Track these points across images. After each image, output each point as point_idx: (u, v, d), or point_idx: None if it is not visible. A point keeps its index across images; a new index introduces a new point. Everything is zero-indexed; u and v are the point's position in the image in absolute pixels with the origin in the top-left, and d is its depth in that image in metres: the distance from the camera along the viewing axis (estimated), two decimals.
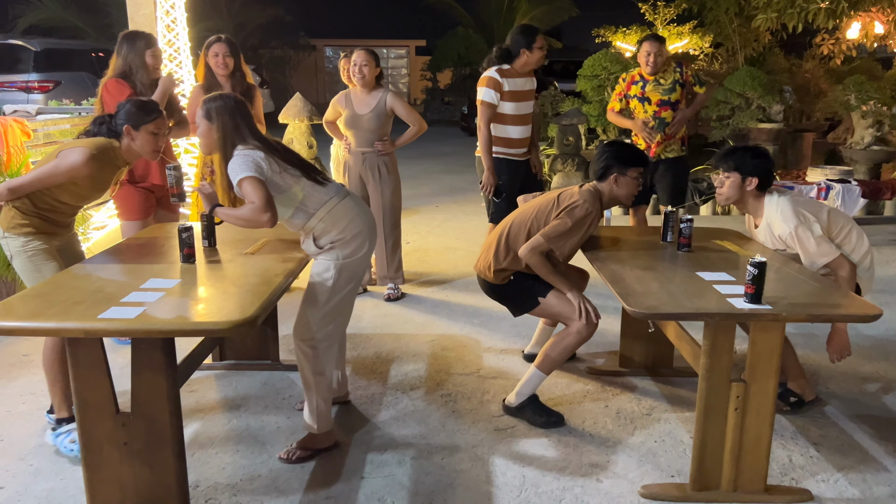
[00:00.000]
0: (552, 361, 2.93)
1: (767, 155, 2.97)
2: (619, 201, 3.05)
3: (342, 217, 2.59)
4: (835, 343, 2.95)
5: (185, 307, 2.21)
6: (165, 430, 2.20)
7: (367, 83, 4.18)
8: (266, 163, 2.48)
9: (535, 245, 2.86)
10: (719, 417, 2.38)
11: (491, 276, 3.03)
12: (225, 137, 2.52)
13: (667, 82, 4.55)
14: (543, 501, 2.44)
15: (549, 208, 2.96)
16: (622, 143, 3.11)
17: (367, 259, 2.71)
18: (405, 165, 10.85)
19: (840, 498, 2.47)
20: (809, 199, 3.03)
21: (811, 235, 2.84)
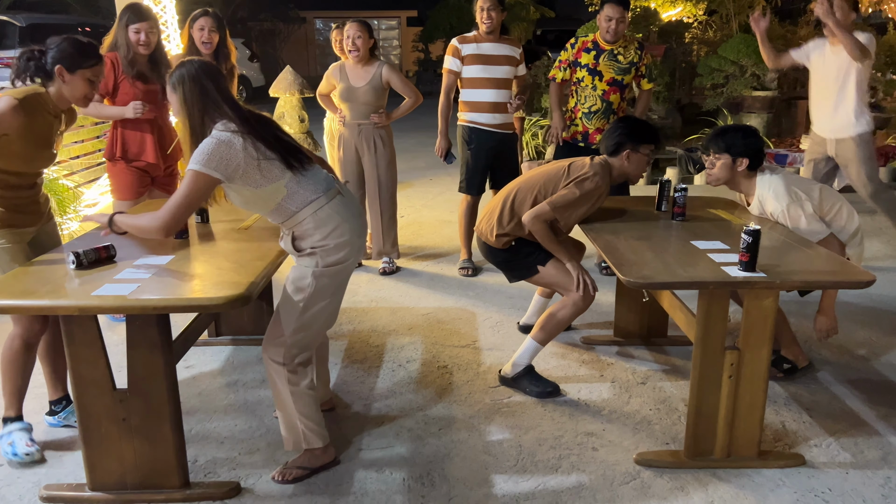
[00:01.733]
0: (548, 332, 2.95)
1: (757, 134, 2.98)
2: (629, 177, 3.04)
3: (328, 222, 2.23)
4: (821, 321, 2.96)
5: (179, 283, 2.20)
6: (163, 405, 2.20)
7: (362, 56, 4.14)
8: (245, 151, 2.12)
9: (540, 212, 2.84)
10: (713, 385, 2.40)
11: (492, 240, 3.01)
12: (193, 107, 2.17)
13: (625, 60, 4.08)
14: (539, 470, 2.46)
15: (559, 177, 2.93)
16: (636, 119, 3.10)
17: (351, 269, 2.36)
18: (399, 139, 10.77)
19: (832, 462, 2.51)
20: (800, 177, 3.05)
21: (802, 214, 2.85)
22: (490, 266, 4.64)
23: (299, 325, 2.29)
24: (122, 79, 3.47)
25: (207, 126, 2.17)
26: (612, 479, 2.41)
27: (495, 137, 4.30)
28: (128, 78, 3.48)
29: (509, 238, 2.99)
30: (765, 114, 8.24)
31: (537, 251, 2.96)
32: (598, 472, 2.44)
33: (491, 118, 4.27)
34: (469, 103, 4.31)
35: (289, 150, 2.24)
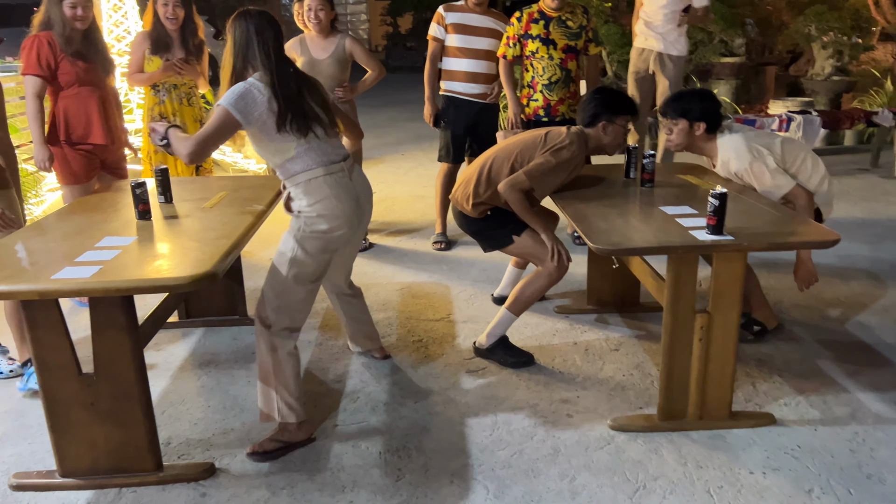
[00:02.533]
0: (522, 303, 2.95)
1: (713, 97, 2.98)
2: (605, 149, 3.01)
3: (315, 192, 2.34)
4: (801, 272, 3.00)
5: (143, 264, 2.15)
6: (132, 388, 2.17)
7: (323, 28, 4.06)
8: (267, 104, 2.25)
9: (515, 181, 2.81)
10: (684, 348, 2.42)
11: (468, 209, 2.98)
12: (238, 52, 2.32)
13: (574, 25, 3.97)
14: (515, 439, 2.47)
15: (536, 145, 2.90)
16: (612, 91, 3.06)
17: (335, 244, 2.41)
18: (369, 115, 10.69)
19: (801, 420, 2.55)
20: (761, 132, 3.07)
21: (766, 169, 2.86)
22: (464, 239, 4.64)
23: (282, 289, 2.38)
24: (61, 58, 3.33)
25: (247, 71, 2.33)
26: (586, 444, 2.43)
27: (473, 107, 4.27)
28: (67, 57, 3.33)
29: (485, 207, 2.96)
30: (733, 80, 8.29)
31: (512, 221, 2.93)
32: (573, 439, 2.46)
33: (469, 88, 4.24)
34: (449, 72, 4.29)
35: (309, 116, 2.34)
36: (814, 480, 2.23)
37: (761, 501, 2.14)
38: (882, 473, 2.25)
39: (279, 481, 2.27)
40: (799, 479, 2.24)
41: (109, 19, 5.44)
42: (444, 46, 4.25)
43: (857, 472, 2.26)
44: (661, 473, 2.27)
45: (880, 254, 4.20)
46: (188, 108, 4.04)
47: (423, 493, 2.20)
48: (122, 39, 5.36)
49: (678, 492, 2.19)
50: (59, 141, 3.42)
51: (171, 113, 3.98)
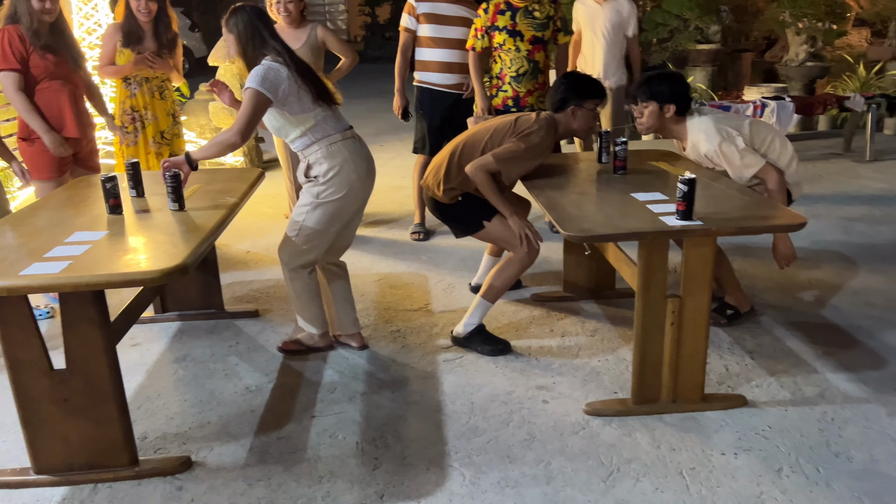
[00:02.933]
0: (497, 290, 2.96)
1: (682, 80, 3.00)
2: (575, 133, 3.04)
3: (336, 155, 2.71)
4: (779, 250, 3.01)
5: (113, 258, 2.14)
6: (105, 383, 2.16)
7: (294, 19, 4.03)
8: (286, 80, 2.58)
9: (483, 163, 2.82)
10: (657, 333, 2.45)
11: (439, 194, 2.98)
12: (247, 47, 2.64)
13: (541, 15, 3.88)
14: (491, 425, 2.50)
15: (505, 131, 2.91)
16: (580, 75, 3.08)
17: (349, 204, 2.80)
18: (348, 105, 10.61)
19: (772, 400, 2.60)
20: (729, 114, 3.09)
21: (735, 149, 2.89)
22: (442, 230, 4.64)
23: (296, 239, 2.82)
24: (31, 52, 3.28)
25: (259, 58, 2.63)
26: (562, 429, 2.46)
27: (448, 98, 4.25)
28: (37, 50, 3.29)
29: (456, 192, 2.97)
30: (709, 67, 8.34)
31: (483, 207, 2.93)
32: (548, 424, 2.49)
33: (442, 78, 4.22)
34: (422, 62, 4.27)
35: (320, 88, 2.71)
36: (783, 459, 2.27)
37: (732, 481, 2.18)
38: (849, 451, 2.30)
39: (256, 473, 2.28)
40: (769, 458, 2.28)
41: (80, 11, 5.36)
42: (416, 37, 4.24)
43: (825, 450, 2.31)
44: (635, 457, 2.31)
45: (852, 237, 4.27)
46: (160, 101, 4.00)
47: (400, 482, 2.22)
48: (92, 32, 5.28)
49: (651, 474, 2.22)
50: (32, 136, 3.38)
51: (142, 106, 3.95)
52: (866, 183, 5.46)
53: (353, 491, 2.18)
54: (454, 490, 2.18)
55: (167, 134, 4.06)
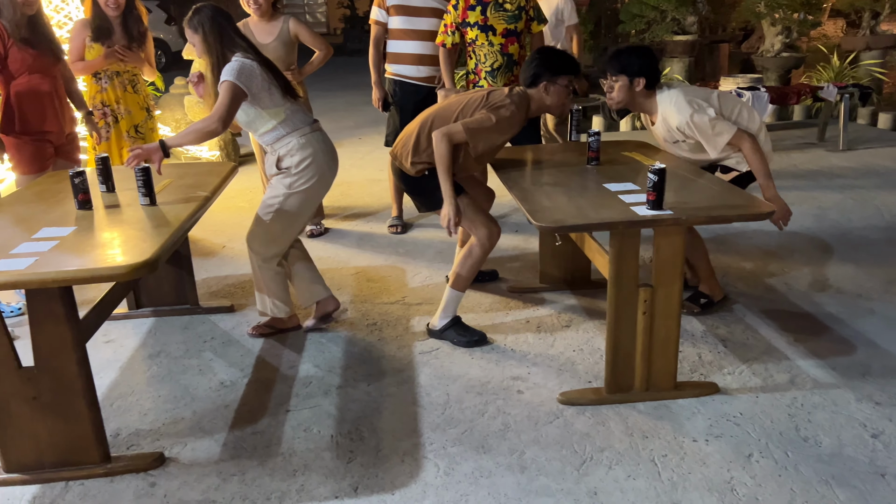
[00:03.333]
0: (464, 278, 2.97)
1: (651, 53, 2.98)
2: (549, 110, 2.98)
3: (307, 147, 2.85)
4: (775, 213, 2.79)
5: (81, 254, 2.11)
6: (75, 380, 2.14)
7: (265, 12, 3.99)
8: (259, 75, 2.71)
9: (451, 131, 2.77)
10: (629, 322, 2.47)
11: (407, 166, 2.95)
12: (214, 44, 2.72)
13: (512, 7, 3.78)
14: (466, 416, 2.51)
15: (477, 103, 2.86)
16: (553, 50, 2.99)
17: (320, 192, 2.97)
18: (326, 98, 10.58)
19: (744, 387, 2.63)
20: (696, 87, 3.08)
21: (707, 119, 2.87)
22: (419, 223, 4.64)
23: (268, 227, 2.92)
24: (10, 45, 3.25)
25: (227, 56, 2.72)
26: (536, 419, 2.47)
27: (421, 90, 4.24)
28: (16, 44, 3.26)
29: (424, 166, 2.93)
30: (686, 58, 8.38)
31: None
32: (523, 414, 2.50)
33: (415, 70, 4.20)
34: (393, 55, 4.25)
35: (286, 85, 2.85)
36: (754, 445, 2.30)
37: (703, 468, 2.20)
38: (818, 436, 2.33)
39: (230, 468, 2.27)
40: (740, 444, 2.31)
41: (49, 5, 5.27)
42: (387, 29, 4.22)
43: (794, 435, 2.34)
44: (608, 445, 2.33)
45: (824, 225, 4.32)
46: (133, 94, 3.96)
47: (374, 474, 2.22)
48: (63, 26, 5.20)
49: (624, 462, 2.24)
50: (13, 130, 3.34)
51: (114, 101, 3.90)
52: (839, 172, 5.52)
53: (328, 484, 2.18)
54: (428, 481, 2.18)
55: (142, 128, 4.02)
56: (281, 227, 2.92)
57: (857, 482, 2.11)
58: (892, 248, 3.91)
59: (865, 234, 4.15)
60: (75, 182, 2.54)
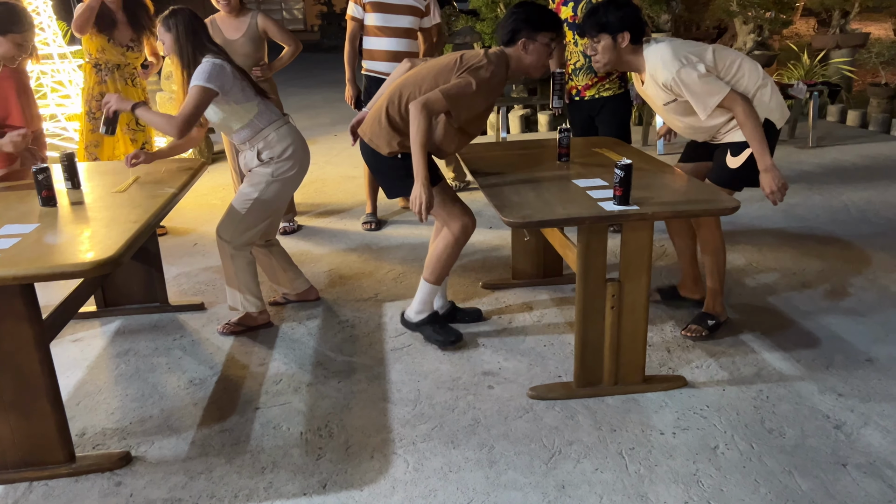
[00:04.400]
0: (438, 271, 2.89)
1: (629, 3, 2.72)
2: (528, 71, 2.74)
3: (285, 138, 2.93)
4: (766, 181, 2.73)
5: (43, 251, 2.08)
6: (37, 379, 2.11)
7: (233, 7, 3.96)
8: (231, 74, 2.78)
9: (431, 100, 2.54)
10: (597, 316, 2.49)
11: (380, 145, 2.75)
12: (186, 46, 2.78)
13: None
14: (437, 412, 2.51)
15: (451, 68, 2.64)
16: (533, 4, 2.72)
17: (298, 180, 3.05)
18: (302, 95, 10.52)
19: (711, 380, 2.66)
20: (690, 41, 2.78)
21: (696, 76, 2.62)
22: (394, 219, 4.63)
23: (246, 217, 2.95)
24: None
25: (198, 58, 2.78)
26: (506, 414, 2.48)
27: None
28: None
29: (397, 147, 2.73)
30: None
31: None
32: (493, 409, 2.51)
33: (391, 67, 4.18)
34: (369, 51, 4.24)
35: (254, 84, 2.93)
36: (720, 437, 2.33)
37: (670, 460, 2.23)
38: (782, 427, 2.37)
39: (197, 466, 2.25)
40: (706, 436, 2.34)
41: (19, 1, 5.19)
42: (363, 26, 4.21)
43: (759, 427, 2.38)
44: (577, 438, 2.34)
45: (791, 221, 4.39)
46: (132, 88, 3.95)
47: (343, 470, 2.22)
48: None
49: (592, 455, 2.26)
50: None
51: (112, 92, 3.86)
52: (807, 168, 5.60)
53: (296, 481, 2.18)
54: (397, 477, 2.18)
55: (141, 121, 4.00)
56: (256, 215, 2.96)
57: (819, 472, 2.15)
58: (859, 244, 3.98)
59: (832, 229, 4.22)
60: (39, 178, 2.50)
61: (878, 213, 4.47)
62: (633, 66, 2.80)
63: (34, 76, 5.72)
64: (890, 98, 6.99)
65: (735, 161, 2.84)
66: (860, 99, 7.97)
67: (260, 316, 3.14)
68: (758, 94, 2.74)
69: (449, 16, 8.84)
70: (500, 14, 8.19)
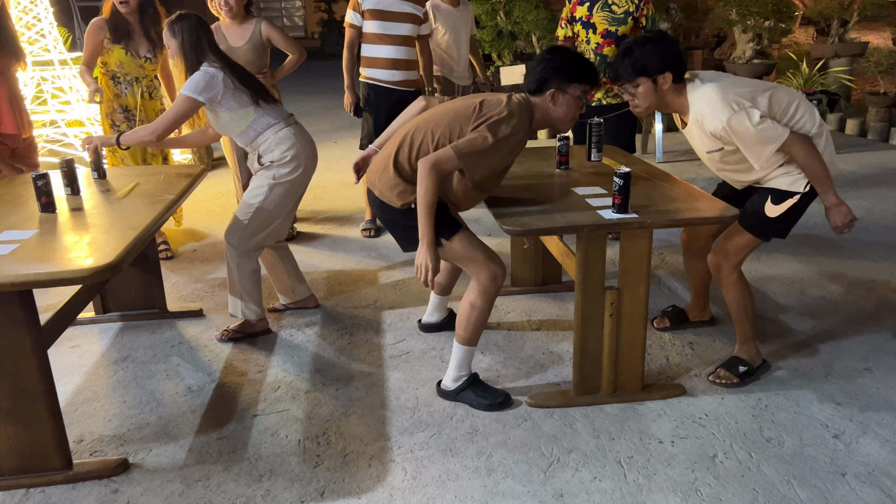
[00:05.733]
0: (470, 329, 2.52)
1: (667, 38, 2.44)
2: (554, 124, 2.46)
3: (285, 140, 2.92)
4: (833, 217, 2.52)
5: (42, 257, 2.08)
6: (35, 386, 2.11)
7: (236, 14, 3.97)
8: (224, 82, 2.80)
9: (441, 158, 2.27)
10: (596, 324, 2.49)
11: (391, 197, 2.45)
12: (189, 53, 2.82)
13: (619, 9, 3.68)
14: (435, 420, 2.50)
15: (469, 116, 2.36)
16: (566, 51, 2.46)
17: (303, 183, 3.03)
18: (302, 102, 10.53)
19: (709, 389, 2.66)
20: (739, 78, 2.50)
21: (749, 124, 2.33)
22: None
23: (250, 222, 2.96)
24: None
25: (198, 65, 2.82)
26: (504, 422, 2.48)
27: (395, 95, 4.23)
28: None
29: (411, 197, 2.42)
30: None
31: (442, 221, 2.40)
32: (491, 417, 2.51)
33: (390, 75, 4.20)
34: (368, 59, 4.24)
35: (256, 88, 2.93)
36: (718, 446, 2.33)
37: (668, 469, 2.22)
38: (781, 436, 2.37)
39: (194, 473, 2.25)
40: (704, 445, 2.33)
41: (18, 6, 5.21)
42: (361, 33, 4.22)
43: (758, 435, 2.37)
44: (575, 447, 2.34)
45: None
46: (150, 101, 3.94)
47: (341, 478, 2.21)
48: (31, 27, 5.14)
49: (590, 464, 2.25)
50: None
51: (133, 106, 3.87)
52: None
53: (293, 489, 2.17)
54: (395, 485, 2.18)
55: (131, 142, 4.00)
56: (262, 219, 2.96)
57: (817, 482, 2.15)
58: (857, 251, 3.98)
59: (830, 236, 4.22)
60: (38, 185, 2.50)
61: (877, 221, 4.48)
62: (676, 107, 2.51)
63: (35, 82, 5.74)
64: (889, 107, 7.01)
65: (774, 210, 2.56)
66: (859, 108, 7.99)
67: (259, 323, 3.14)
68: (820, 136, 2.47)
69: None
70: (500, 22, 8.23)
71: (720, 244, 2.68)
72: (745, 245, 2.63)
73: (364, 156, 2.74)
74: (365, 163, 2.73)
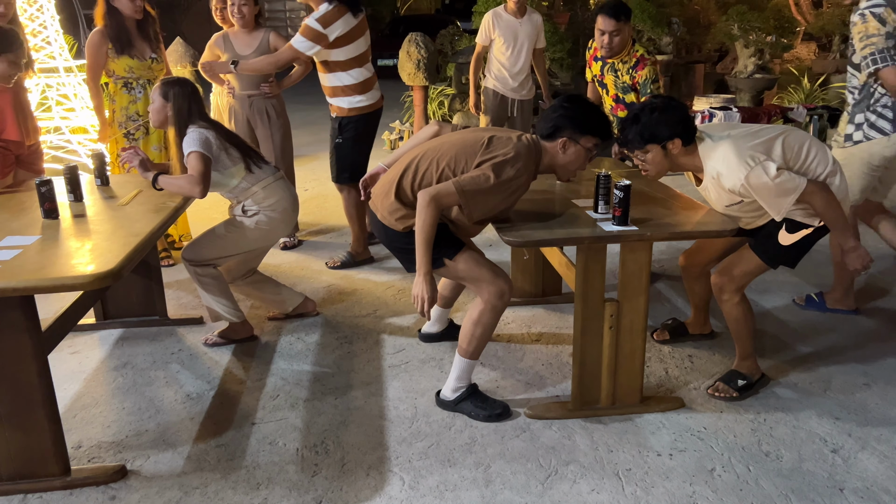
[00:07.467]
0: (474, 343, 2.53)
1: (673, 103, 2.42)
2: (557, 171, 2.47)
3: (273, 194, 3.02)
4: (850, 260, 2.51)
5: (44, 263, 2.09)
6: (34, 391, 2.11)
7: (247, 23, 4.00)
8: (215, 142, 2.88)
9: (441, 193, 2.28)
10: (595, 336, 2.49)
11: (392, 221, 2.47)
12: (180, 118, 2.88)
13: (622, 77, 3.50)
14: (433, 430, 2.50)
15: (476, 151, 2.35)
16: (584, 103, 2.46)
17: (277, 235, 3.13)
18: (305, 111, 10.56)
19: (708, 402, 2.66)
20: (749, 127, 2.49)
21: (767, 178, 2.30)
22: None
23: (208, 243, 3.02)
24: None
25: (188, 127, 2.89)
26: (503, 433, 2.48)
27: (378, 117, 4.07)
28: None
29: (411, 221, 2.41)
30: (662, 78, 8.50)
31: (444, 241, 2.42)
32: (490, 428, 2.51)
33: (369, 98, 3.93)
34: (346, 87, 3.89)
35: (244, 148, 3.03)
36: (716, 460, 2.32)
37: (666, 482, 2.22)
38: (779, 450, 2.36)
39: (192, 481, 2.25)
40: (702, 458, 2.33)
41: (24, 13, 5.25)
42: None
43: (756, 449, 2.37)
44: (573, 458, 2.34)
45: None
46: None
47: (339, 487, 2.21)
48: (38, 34, 5.18)
49: (588, 476, 2.25)
50: None
51: (145, 112, 3.87)
52: None
53: (291, 497, 2.17)
54: (393, 495, 2.18)
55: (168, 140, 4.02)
56: (220, 245, 3.02)
57: (815, 496, 2.14)
58: None
59: (828, 252, 4.21)
60: (41, 191, 2.52)
61: (876, 235, 4.47)
62: (689, 167, 2.50)
63: (39, 88, 5.77)
64: None
65: (788, 238, 2.55)
66: None
67: (242, 328, 3.17)
68: (827, 182, 2.45)
69: (452, 35, 8.91)
70: None
71: (725, 266, 2.66)
72: (752, 270, 2.62)
73: (372, 173, 2.76)
74: (373, 179, 2.74)
